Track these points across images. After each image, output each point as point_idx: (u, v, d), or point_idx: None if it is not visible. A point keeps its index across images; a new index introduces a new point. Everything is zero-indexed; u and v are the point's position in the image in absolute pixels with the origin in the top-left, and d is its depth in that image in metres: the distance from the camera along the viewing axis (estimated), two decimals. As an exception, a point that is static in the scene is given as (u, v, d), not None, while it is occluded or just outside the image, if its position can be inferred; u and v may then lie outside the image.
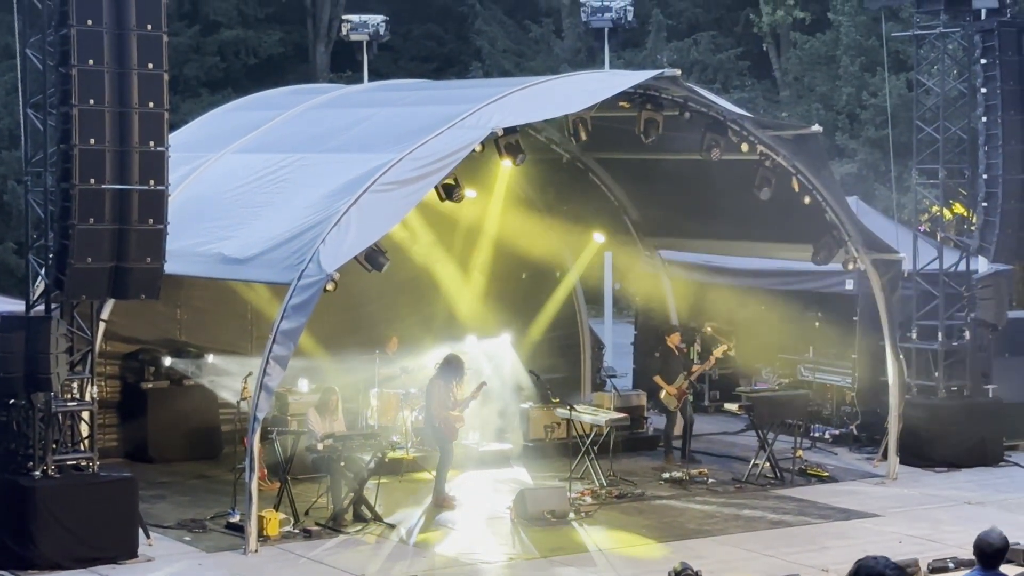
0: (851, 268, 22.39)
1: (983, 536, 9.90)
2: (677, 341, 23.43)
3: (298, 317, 17.34)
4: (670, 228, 25.74)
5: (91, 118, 16.41)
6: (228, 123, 23.91)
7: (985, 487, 21.85)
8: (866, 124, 37.17)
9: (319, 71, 46.54)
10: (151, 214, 16.77)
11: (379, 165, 18.55)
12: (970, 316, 23.72)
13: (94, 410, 17.60)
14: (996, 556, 9.85)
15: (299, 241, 18.07)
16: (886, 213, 27.71)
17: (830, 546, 18.32)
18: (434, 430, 20.42)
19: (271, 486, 19.68)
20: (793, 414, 22.77)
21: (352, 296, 22.28)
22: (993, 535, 9.89)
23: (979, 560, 9.89)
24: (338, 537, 18.50)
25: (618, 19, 32.58)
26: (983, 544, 9.87)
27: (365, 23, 33.06)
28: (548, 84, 20.61)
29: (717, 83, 42.29)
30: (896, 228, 24.57)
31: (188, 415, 22.72)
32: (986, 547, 9.86)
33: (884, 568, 7.27)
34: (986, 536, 9.90)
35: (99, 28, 16.41)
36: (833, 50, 40.67)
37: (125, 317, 21.46)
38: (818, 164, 21.72)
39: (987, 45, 23.18)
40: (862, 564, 7.38)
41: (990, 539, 9.87)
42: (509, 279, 25.29)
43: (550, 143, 24.30)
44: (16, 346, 16.58)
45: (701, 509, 20.34)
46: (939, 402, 23.46)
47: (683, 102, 20.65)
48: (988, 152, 23.30)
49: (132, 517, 17.39)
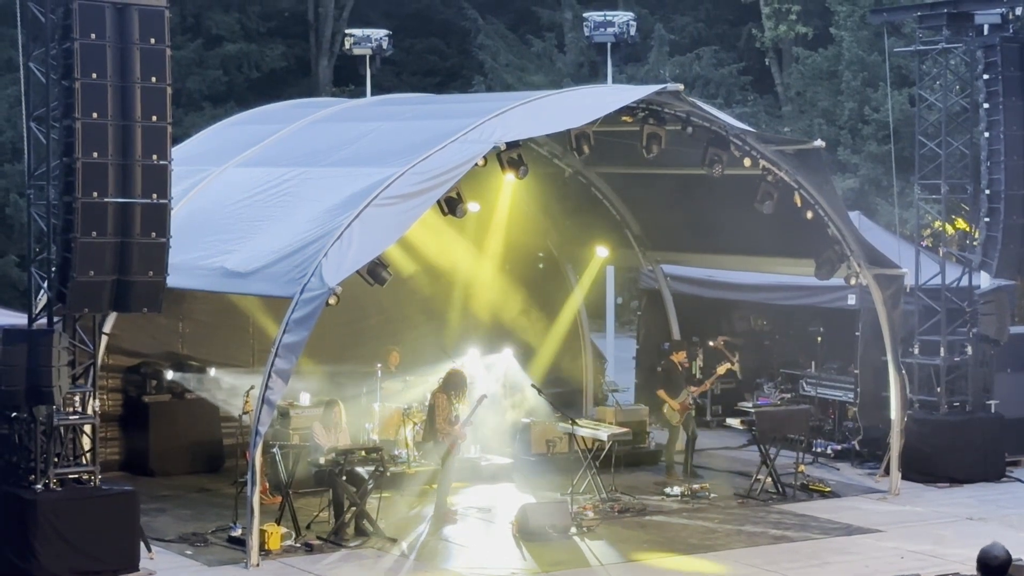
0: (853, 283, 22.39)
1: (987, 550, 9.89)
2: (682, 358, 23.42)
3: (300, 331, 17.34)
4: (672, 242, 25.75)
5: (94, 131, 16.41)
6: (231, 137, 23.92)
7: (987, 503, 21.82)
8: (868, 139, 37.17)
9: (322, 85, 46.58)
10: (154, 227, 16.77)
11: (381, 179, 18.56)
12: (972, 331, 23.70)
13: (96, 423, 17.58)
14: (1000, 570, 9.84)
15: (301, 255, 18.07)
16: (888, 228, 27.70)
17: (832, 561, 18.30)
18: (436, 444, 20.40)
19: (273, 500, 19.67)
20: (795, 429, 22.74)
21: (354, 310, 22.29)
22: (997, 549, 9.89)
23: (983, 574, 9.87)
24: (340, 551, 18.48)
25: (620, 34, 32.60)
26: (987, 558, 9.86)
27: (368, 37, 33.09)
28: (550, 99, 20.61)
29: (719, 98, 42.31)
30: (898, 243, 24.54)
31: (190, 428, 22.71)
32: (991, 560, 9.85)
33: None
34: (989, 550, 9.89)
35: (102, 41, 16.42)
36: (835, 65, 40.69)
37: (127, 330, 21.47)
38: (820, 179, 21.72)
39: (989, 60, 23.21)
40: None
41: (994, 552, 9.87)
42: (511, 293, 25.28)
43: (552, 157, 24.32)
44: (18, 359, 16.57)
45: (703, 524, 20.31)
46: (941, 417, 23.44)
47: (685, 117, 20.65)
48: (990, 167, 23.33)
49: (133, 530, 17.36)
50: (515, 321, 25.15)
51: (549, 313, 26.02)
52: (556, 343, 26.05)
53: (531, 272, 25.29)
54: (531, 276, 25.30)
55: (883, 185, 34.65)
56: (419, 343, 24.06)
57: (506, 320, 25.00)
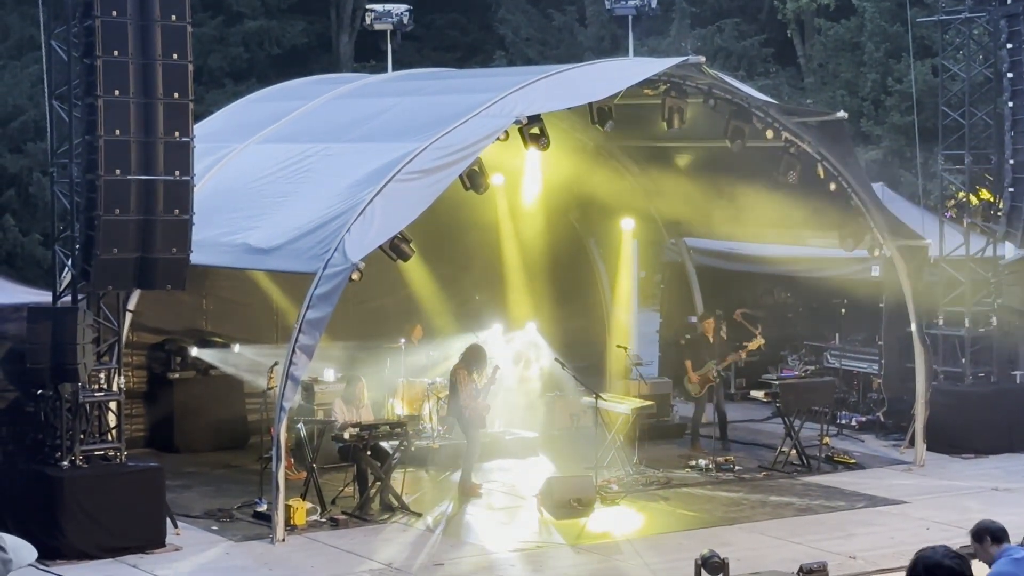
0: (877, 255, 22.33)
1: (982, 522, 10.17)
2: (710, 329, 23.40)
3: (324, 306, 17.37)
4: (695, 215, 25.69)
5: (116, 109, 16.44)
6: (252, 113, 23.93)
7: (1013, 473, 21.78)
8: (891, 110, 36.97)
9: (343, 61, 46.51)
10: (176, 205, 16.80)
11: (403, 154, 18.56)
12: (997, 302, 23.63)
13: (121, 400, 17.65)
14: (1003, 530, 10.06)
15: (324, 231, 18.09)
16: (912, 199, 27.60)
17: (857, 533, 18.30)
18: (461, 419, 20.43)
19: (298, 475, 19.73)
20: (819, 401, 22.71)
21: (377, 285, 22.30)
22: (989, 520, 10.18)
23: (993, 539, 10.02)
24: (365, 526, 18.53)
25: (642, 6, 32.43)
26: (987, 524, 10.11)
27: (389, 12, 32.98)
28: (572, 72, 20.57)
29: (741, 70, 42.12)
30: (922, 214, 24.49)
31: (214, 405, 22.78)
32: (990, 523, 10.10)
33: (943, 558, 7.15)
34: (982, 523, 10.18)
35: (123, 19, 16.43)
36: (858, 36, 40.47)
37: (151, 307, 21.52)
38: (843, 150, 21.65)
39: (1013, 30, 23.07)
40: (921, 555, 7.26)
41: (986, 522, 10.18)
42: (536, 267, 25.25)
43: (574, 131, 24.26)
44: (43, 337, 16.64)
45: (728, 496, 20.33)
46: (966, 388, 23.40)
47: (708, 89, 20.60)
48: (1014, 137, 23.20)
49: (159, 507, 17.45)
50: (538, 296, 25.11)
51: (572, 287, 26.00)
52: (579, 317, 26.03)
53: (554, 247, 25.24)
54: (554, 251, 25.25)
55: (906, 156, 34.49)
56: (441, 318, 24.05)
57: (529, 295, 24.96)
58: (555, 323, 25.03)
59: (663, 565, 16.81)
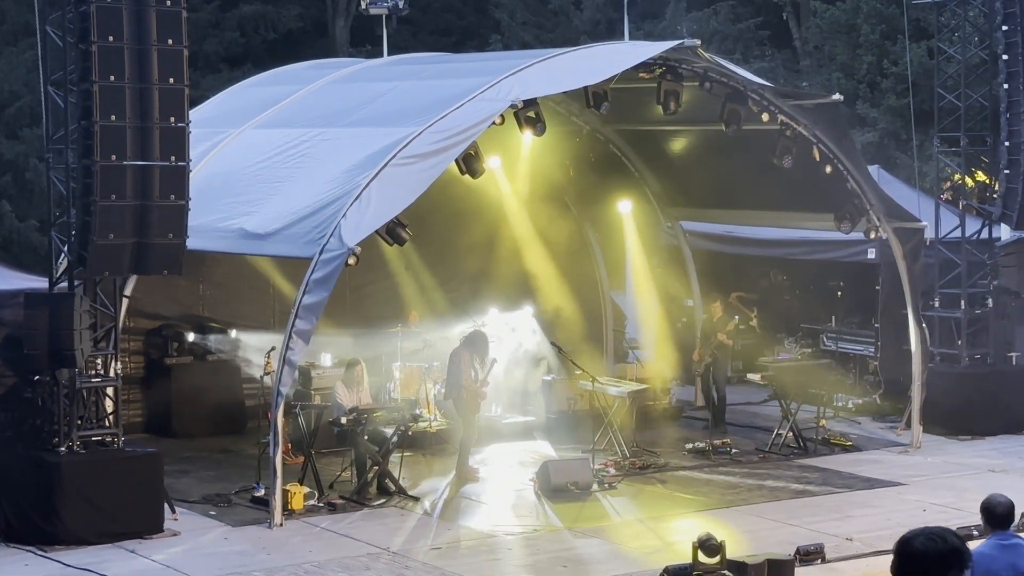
0: (873, 237, 22.36)
1: (991, 498, 10.05)
2: (718, 312, 23.54)
3: (320, 291, 17.37)
4: (691, 198, 25.70)
5: (112, 94, 16.43)
6: (248, 98, 23.91)
7: (1009, 455, 21.83)
8: (887, 92, 36.96)
9: (338, 46, 46.45)
10: (172, 190, 16.80)
11: (399, 139, 18.56)
12: (993, 284, 23.66)
13: (118, 386, 17.67)
14: (1006, 517, 9.96)
15: (320, 215, 18.09)
16: (908, 182, 27.63)
17: (854, 515, 18.33)
18: (458, 402, 20.45)
19: (295, 460, 19.75)
20: (816, 383, 22.76)
21: (373, 270, 22.31)
22: (999, 497, 10.05)
23: (989, 522, 9.98)
24: (362, 510, 18.56)
25: (637, -10, 32.45)
26: (991, 505, 10.00)
27: (384, -3, 32.97)
28: (567, 56, 20.57)
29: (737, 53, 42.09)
30: (918, 196, 24.51)
31: (212, 390, 22.79)
32: (996, 506, 9.99)
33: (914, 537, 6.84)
34: (992, 498, 10.04)
35: (118, 4, 16.43)
36: (853, 18, 40.43)
37: (148, 293, 21.52)
38: (839, 133, 21.66)
39: (1008, 12, 23.06)
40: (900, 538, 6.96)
41: (997, 499, 10.02)
42: (531, 251, 25.24)
43: (570, 115, 24.26)
44: (40, 323, 16.64)
45: (725, 479, 20.36)
46: (962, 370, 23.44)
47: (703, 72, 20.59)
48: (1010, 119, 23.20)
49: (157, 492, 17.46)
50: (534, 279, 25.10)
51: (568, 270, 25.98)
52: (575, 301, 26.02)
53: (550, 230, 25.22)
54: (550, 234, 25.23)
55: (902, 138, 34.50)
56: (438, 302, 24.07)
57: (525, 279, 24.95)
58: (551, 306, 25.03)
59: (660, 548, 16.83)
